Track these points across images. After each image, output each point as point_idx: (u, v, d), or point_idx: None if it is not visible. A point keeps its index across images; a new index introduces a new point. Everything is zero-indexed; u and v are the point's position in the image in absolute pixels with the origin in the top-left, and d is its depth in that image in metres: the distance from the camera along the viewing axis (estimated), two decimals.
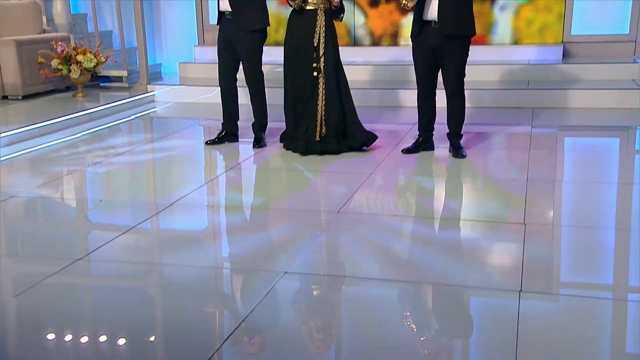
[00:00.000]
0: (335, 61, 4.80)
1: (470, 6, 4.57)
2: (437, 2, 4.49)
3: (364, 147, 4.96)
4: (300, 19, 4.78)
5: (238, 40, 4.95)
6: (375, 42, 7.81)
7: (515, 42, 7.43)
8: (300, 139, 4.84)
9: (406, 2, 4.52)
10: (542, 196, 3.97)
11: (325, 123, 4.82)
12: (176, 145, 5.40)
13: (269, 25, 5.06)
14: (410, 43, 4.76)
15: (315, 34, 4.75)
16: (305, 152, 4.82)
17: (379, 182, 4.31)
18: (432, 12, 4.53)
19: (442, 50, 4.57)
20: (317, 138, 4.82)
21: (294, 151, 4.88)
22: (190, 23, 8.27)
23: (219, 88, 5.23)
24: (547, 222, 3.59)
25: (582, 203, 3.89)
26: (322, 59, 4.75)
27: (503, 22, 7.43)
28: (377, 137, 5.00)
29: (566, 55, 7.25)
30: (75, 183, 4.51)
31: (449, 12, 4.48)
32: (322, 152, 4.84)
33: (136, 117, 6.46)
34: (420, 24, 4.61)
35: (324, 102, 4.79)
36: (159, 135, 5.76)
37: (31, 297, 2.83)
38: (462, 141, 4.84)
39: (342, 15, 4.87)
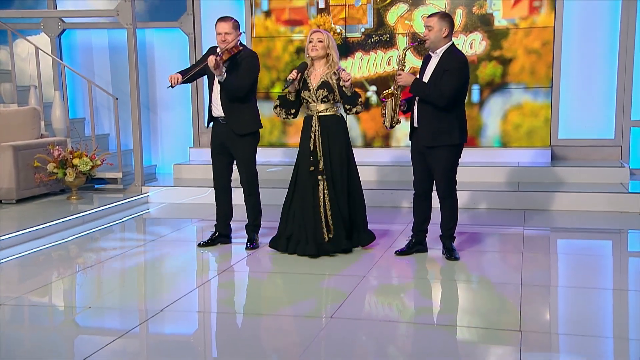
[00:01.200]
0: (337, 164, 4.85)
1: (455, 114, 4.55)
2: (417, 110, 4.59)
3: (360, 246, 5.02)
4: (304, 127, 4.94)
5: (232, 144, 5.03)
6: (368, 143, 7.95)
7: (504, 145, 7.58)
8: (310, 241, 4.82)
9: (383, 121, 4.66)
10: (537, 302, 3.92)
11: (332, 224, 4.84)
12: (168, 247, 5.37)
13: (262, 127, 5.16)
14: (401, 144, 4.85)
15: (311, 139, 4.85)
16: (317, 254, 4.81)
17: (372, 284, 4.27)
18: (415, 119, 4.64)
19: (428, 156, 4.64)
20: (326, 239, 4.83)
21: (300, 254, 4.83)
22: (186, 125, 8.43)
23: (214, 190, 5.25)
24: (543, 329, 3.53)
25: (578, 310, 3.83)
26: (320, 163, 4.83)
27: (491, 125, 7.61)
28: (375, 237, 5.05)
29: (555, 158, 7.38)
30: (64, 288, 4.44)
31: (428, 122, 4.55)
32: (333, 252, 4.84)
33: (129, 219, 6.45)
34: (410, 128, 4.72)
35: (328, 204, 4.82)
36: (151, 237, 5.74)
37: None
38: (455, 243, 4.83)
39: (358, 102, 4.79)
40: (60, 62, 7.81)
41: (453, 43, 4.61)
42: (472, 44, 7.53)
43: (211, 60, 4.72)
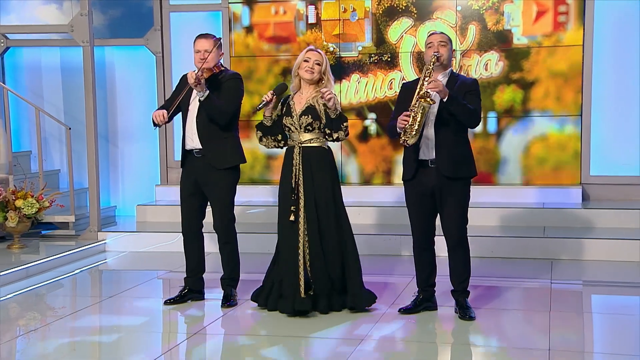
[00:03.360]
0: (322, 205, 4.85)
1: (469, 143, 4.76)
2: (433, 139, 4.63)
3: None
4: (286, 159, 4.96)
5: (208, 180, 5.04)
6: (366, 180, 7.95)
7: (527, 182, 7.61)
8: (288, 297, 4.80)
9: (406, 138, 4.60)
10: None
11: (311, 277, 4.82)
12: (129, 305, 5.32)
13: (245, 162, 5.18)
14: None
15: (292, 174, 4.85)
16: (293, 313, 4.77)
17: (371, 349, 4.24)
18: (428, 150, 4.66)
19: (442, 193, 4.66)
20: (302, 295, 4.79)
21: (281, 311, 4.82)
22: (152, 159, 8.43)
23: (182, 237, 5.25)
24: None
25: None
26: (301, 202, 4.82)
27: (511, 159, 7.64)
28: (376, 298, 4.99)
29: (586, 199, 7.41)
30: (2, 357, 4.37)
31: (448, 150, 4.62)
32: (307, 312, 4.78)
33: (82, 271, 6.40)
34: (415, 164, 4.71)
35: (307, 252, 4.81)
36: (109, 293, 5.69)
37: None
38: (469, 299, 4.83)
39: (342, 126, 4.82)
40: (3, 86, 7.82)
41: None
42: (487, 65, 7.60)
43: (191, 75, 4.83)
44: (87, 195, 7.41)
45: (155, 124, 5.03)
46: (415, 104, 4.54)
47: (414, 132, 4.55)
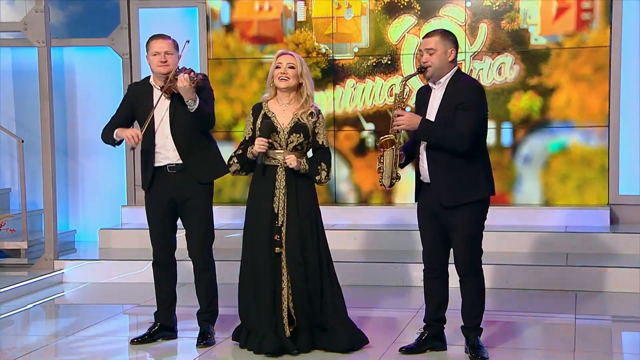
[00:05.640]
0: (305, 233, 4.85)
1: (479, 161, 4.64)
2: (427, 164, 4.64)
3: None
4: (261, 178, 4.89)
5: (188, 197, 5.05)
6: (363, 200, 7.95)
7: (547, 203, 7.62)
8: (269, 335, 4.77)
9: (380, 178, 4.67)
10: None
11: (295, 314, 4.81)
12: (89, 345, 5.29)
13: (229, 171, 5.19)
14: (407, 202, 4.87)
15: (275, 198, 4.83)
16: (279, 352, 4.74)
17: None
18: (424, 172, 4.67)
19: (445, 218, 4.66)
20: (287, 334, 4.78)
21: (256, 352, 4.78)
22: (118, 177, 8.44)
23: (154, 267, 5.24)
24: None
25: None
26: (283, 230, 4.82)
27: (529, 177, 7.66)
28: (367, 342, 4.95)
29: (615, 222, 7.41)
30: None
31: (443, 174, 4.59)
32: (294, 352, 4.78)
33: (36, 306, 6.38)
34: (417, 184, 4.76)
35: (289, 286, 4.80)
36: (67, 331, 5.66)
37: None
38: (482, 337, 4.81)
39: (321, 174, 4.86)
40: None
41: (459, 68, 4.72)
42: (500, 69, 7.63)
43: (184, 79, 4.76)
44: (42, 218, 7.39)
45: (132, 147, 5.11)
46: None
47: (386, 175, 4.64)
